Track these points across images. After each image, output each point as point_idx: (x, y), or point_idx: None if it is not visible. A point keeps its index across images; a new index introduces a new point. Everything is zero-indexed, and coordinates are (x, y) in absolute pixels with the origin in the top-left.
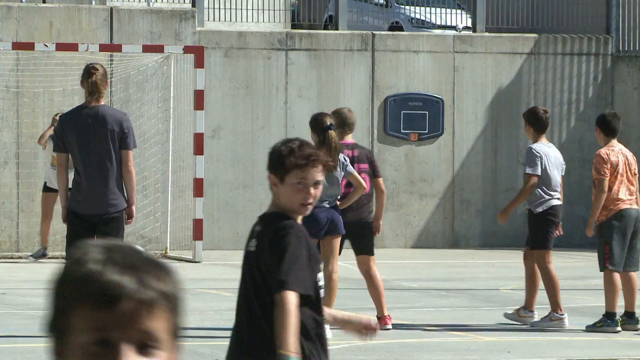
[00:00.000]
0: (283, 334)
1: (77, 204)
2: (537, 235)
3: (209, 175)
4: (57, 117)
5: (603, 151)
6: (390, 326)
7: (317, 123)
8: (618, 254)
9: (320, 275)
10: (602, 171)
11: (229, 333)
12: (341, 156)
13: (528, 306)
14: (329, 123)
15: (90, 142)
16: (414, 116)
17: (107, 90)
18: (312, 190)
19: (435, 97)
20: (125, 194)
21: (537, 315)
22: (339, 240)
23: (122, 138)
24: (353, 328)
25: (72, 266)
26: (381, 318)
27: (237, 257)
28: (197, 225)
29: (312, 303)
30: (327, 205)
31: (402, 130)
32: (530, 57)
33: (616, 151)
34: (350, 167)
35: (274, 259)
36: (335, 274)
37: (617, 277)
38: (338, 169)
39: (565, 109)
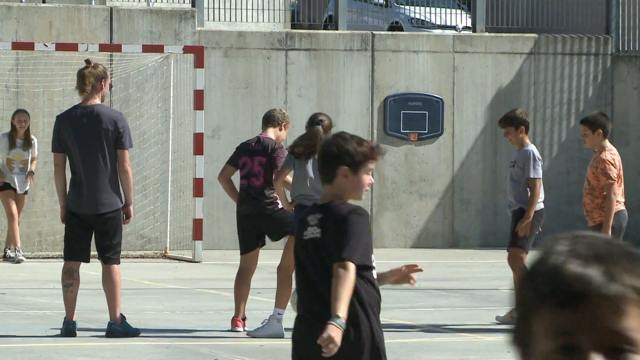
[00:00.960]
0: (339, 301)
1: (73, 203)
2: (519, 235)
3: (208, 175)
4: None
5: (609, 156)
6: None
7: (310, 119)
8: None
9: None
10: (612, 176)
11: (229, 333)
12: None
13: None
14: (319, 119)
15: (85, 142)
16: (413, 116)
17: (102, 90)
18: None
19: (435, 97)
20: (123, 193)
21: None
22: None
23: (117, 138)
24: (398, 278)
25: (536, 263)
26: None
27: (237, 257)
28: (197, 225)
29: (370, 274)
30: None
31: (401, 130)
32: (530, 57)
33: (615, 153)
34: None
35: (341, 237)
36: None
37: None
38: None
39: (565, 108)
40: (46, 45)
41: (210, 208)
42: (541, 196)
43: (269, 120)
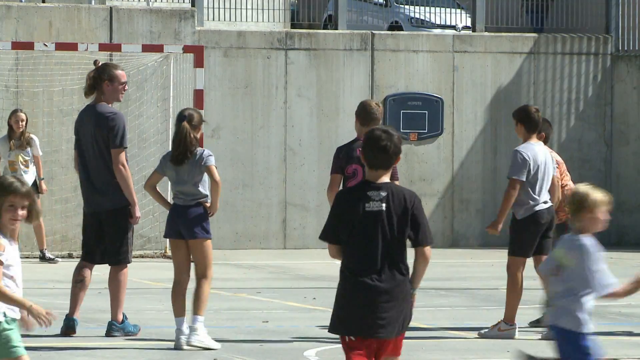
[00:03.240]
0: (420, 277)
1: (85, 202)
2: (515, 241)
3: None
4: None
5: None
6: None
7: (177, 116)
8: None
9: None
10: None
11: (228, 332)
12: (203, 149)
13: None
14: (184, 115)
15: (86, 141)
16: (413, 116)
17: (106, 88)
18: None
19: (434, 96)
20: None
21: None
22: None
23: (108, 137)
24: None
25: None
26: None
27: (236, 257)
28: None
29: None
30: (192, 203)
31: (401, 130)
32: (530, 56)
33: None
34: (207, 160)
35: (409, 219)
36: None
37: None
38: (191, 163)
39: (564, 108)
40: (46, 45)
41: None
42: (538, 198)
43: None
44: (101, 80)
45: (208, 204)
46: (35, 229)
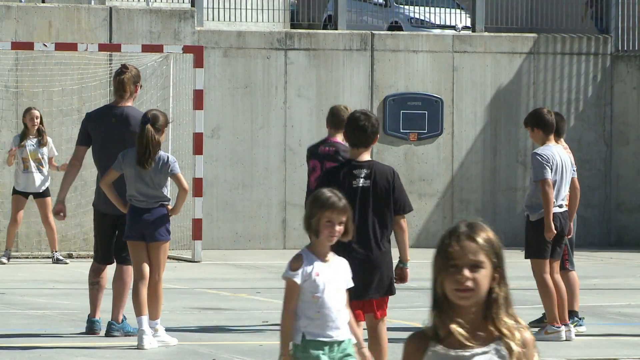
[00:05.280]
0: (406, 249)
1: (99, 202)
2: (531, 243)
3: (208, 175)
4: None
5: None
6: None
7: (141, 118)
8: (571, 254)
9: None
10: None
11: (229, 333)
12: (166, 155)
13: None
14: (148, 117)
15: (112, 142)
16: (413, 116)
17: (135, 93)
18: None
19: (434, 96)
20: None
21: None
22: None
23: None
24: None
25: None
26: None
27: (236, 257)
28: (196, 225)
29: None
30: (154, 206)
31: (401, 130)
32: (530, 56)
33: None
34: (174, 167)
35: (391, 192)
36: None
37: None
38: (155, 167)
39: (564, 108)
40: (45, 45)
41: (210, 208)
42: (553, 201)
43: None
44: (135, 84)
45: (170, 206)
46: (47, 231)
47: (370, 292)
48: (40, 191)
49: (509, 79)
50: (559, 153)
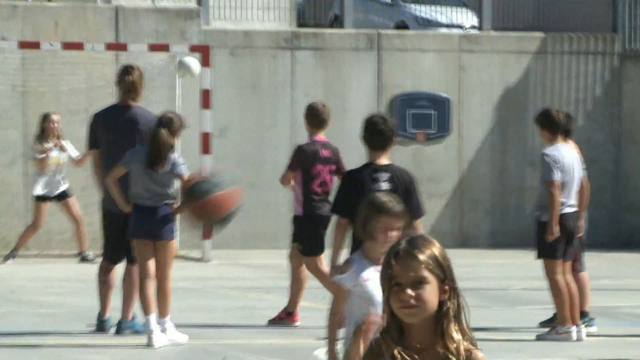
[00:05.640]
0: None
1: (108, 202)
2: (543, 244)
3: None
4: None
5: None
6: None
7: (157, 120)
8: (581, 255)
9: None
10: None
11: (238, 331)
12: (174, 156)
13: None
14: (163, 120)
15: (120, 141)
16: (421, 116)
17: (142, 89)
18: None
19: (442, 96)
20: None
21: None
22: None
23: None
24: None
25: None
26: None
27: (245, 256)
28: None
29: None
30: (159, 204)
31: (409, 130)
32: (537, 56)
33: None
34: (181, 169)
35: (409, 196)
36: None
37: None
38: (166, 168)
39: (573, 108)
40: (52, 45)
41: None
42: (564, 201)
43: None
44: (140, 84)
45: (175, 205)
46: (75, 230)
47: None
48: (62, 192)
49: (517, 78)
50: (567, 153)
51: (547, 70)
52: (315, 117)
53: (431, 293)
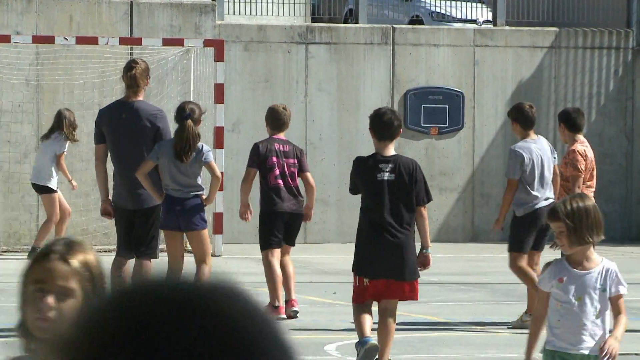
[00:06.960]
0: (427, 235)
1: (117, 197)
2: (514, 238)
3: (228, 169)
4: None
5: (579, 147)
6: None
7: (178, 112)
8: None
9: None
10: (579, 167)
11: None
12: (201, 144)
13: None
14: (187, 112)
15: (124, 137)
16: (434, 110)
17: (146, 86)
18: None
19: (455, 90)
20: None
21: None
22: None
23: (155, 135)
24: None
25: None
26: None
27: (256, 251)
28: (217, 219)
29: None
30: (188, 196)
31: (422, 124)
32: (551, 50)
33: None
34: (207, 156)
35: (413, 184)
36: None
37: None
38: (193, 158)
39: (585, 102)
40: (66, 39)
41: (230, 202)
42: (538, 195)
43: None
44: (146, 78)
45: (204, 196)
46: (57, 228)
47: (394, 272)
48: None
49: (530, 73)
50: (537, 147)
51: (560, 65)
52: (276, 120)
53: (74, 309)
